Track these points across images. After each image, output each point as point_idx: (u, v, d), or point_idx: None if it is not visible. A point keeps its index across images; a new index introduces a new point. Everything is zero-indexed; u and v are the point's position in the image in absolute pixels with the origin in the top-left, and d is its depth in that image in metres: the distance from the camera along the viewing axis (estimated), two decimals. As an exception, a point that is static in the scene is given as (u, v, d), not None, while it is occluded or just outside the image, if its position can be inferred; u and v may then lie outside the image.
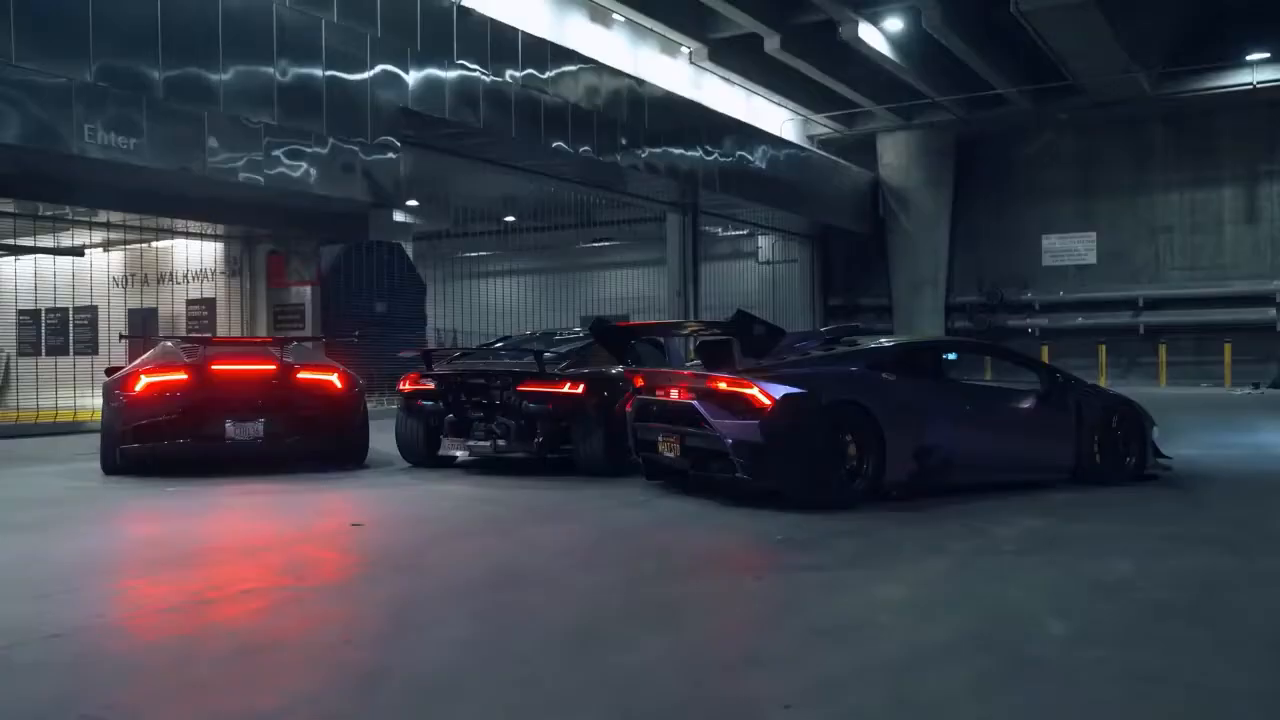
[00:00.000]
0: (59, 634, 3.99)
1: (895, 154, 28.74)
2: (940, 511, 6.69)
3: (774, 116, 27.05)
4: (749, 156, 23.75)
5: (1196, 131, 26.33)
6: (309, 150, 13.76)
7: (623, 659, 3.72)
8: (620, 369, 8.47)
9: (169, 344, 9.64)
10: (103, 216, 15.03)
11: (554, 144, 17.77)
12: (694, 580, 5.04)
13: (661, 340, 9.55)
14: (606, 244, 32.03)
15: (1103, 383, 25.50)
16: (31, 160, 11.40)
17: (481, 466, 9.10)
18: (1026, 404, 7.94)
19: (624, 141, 19.48)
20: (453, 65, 15.86)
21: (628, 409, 7.88)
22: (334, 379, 9.02)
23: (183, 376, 8.47)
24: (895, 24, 21.18)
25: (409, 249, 25.40)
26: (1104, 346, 25.95)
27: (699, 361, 8.21)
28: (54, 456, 10.26)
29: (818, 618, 4.33)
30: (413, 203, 25.82)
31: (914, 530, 6.17)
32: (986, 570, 5.23)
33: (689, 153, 21.60)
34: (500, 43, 16.78)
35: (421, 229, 26.85)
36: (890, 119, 27.52)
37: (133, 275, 17.35)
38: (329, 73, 14.02)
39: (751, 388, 6.84)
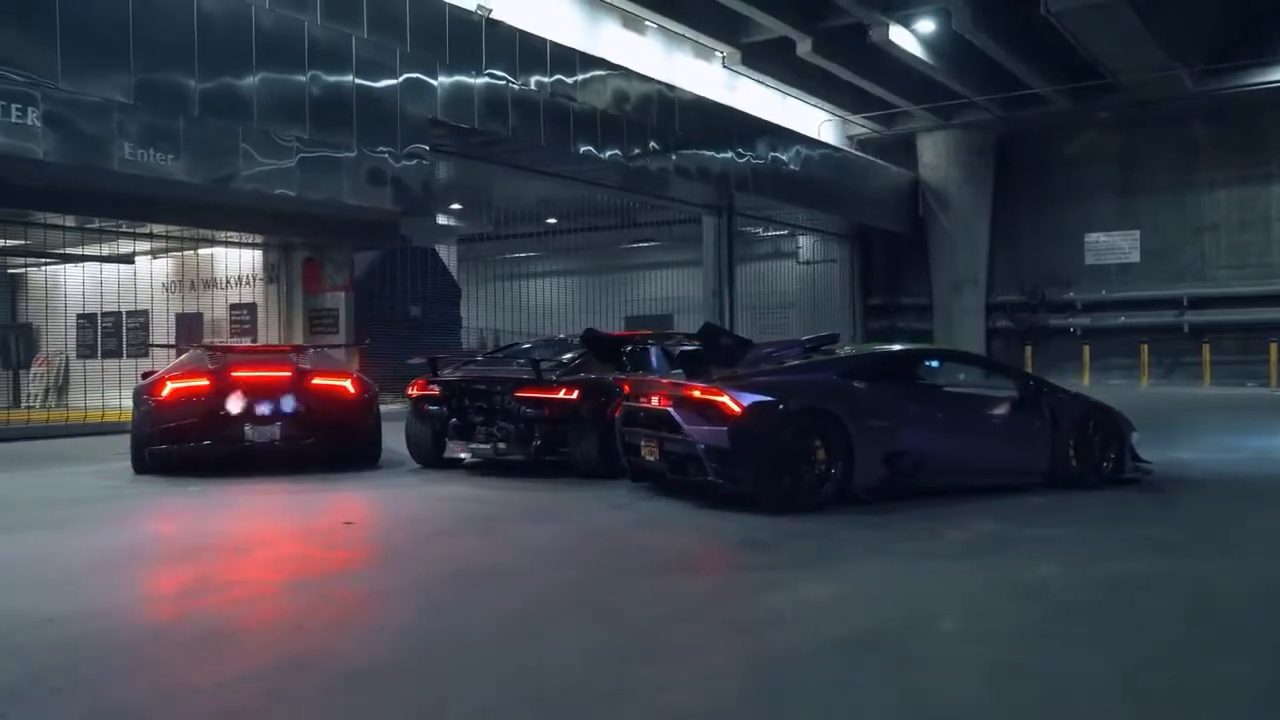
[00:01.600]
0: (52, 620, 4.50)
1: (935, 153, 28.76)
2: (904, 515, 6.99)
3: (812, 118, 27.23)
4: (783, 158, 24.00)
5: (1241, 128, 25.98)
6: (339, 161, 14.35)
7: (547, 649, 4.13)
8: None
9: (196, 351, 10.25)
10: (149, 227, 15.75)
11: (583, 149, 18.20)
12: (643, 578, 5.43)
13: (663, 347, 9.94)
14: (646, 245, 32.48)
15: (1144, 382, 25.37)
16: (76, 176, 12.12)
17: (486, 468, 9.57)
18: (1001, 410, 8.18)
19: (654, 146, 19.86)
20: (481, 75, 16.37)
21: (616, 414, 8.29)
22: (347, 384, 9.57)
23: (205, 383, 9.08)
24: (925, 26, 21.28)
25: (452, 252, 26.19)
26: (1147, 346, 25.78)
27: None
28: (96, 456, 10.92)
29: (736, 613, 4.70)
30: (456, 206, 26.60)
31: (870, 533, 6.49)
32: (921, 572, 5.54)
33: (720, 155, 21.92)
34: (529, 52, 17.26)
35: (464, 232, 27.70)
36: (929, 119, 27.56)
37: (179, 281, 18.17)
38: (359, 84, 14.59)
39: (722, 395, 7.20)
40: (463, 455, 9.48)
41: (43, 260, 18.11)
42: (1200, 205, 26.85)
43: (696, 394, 7.39)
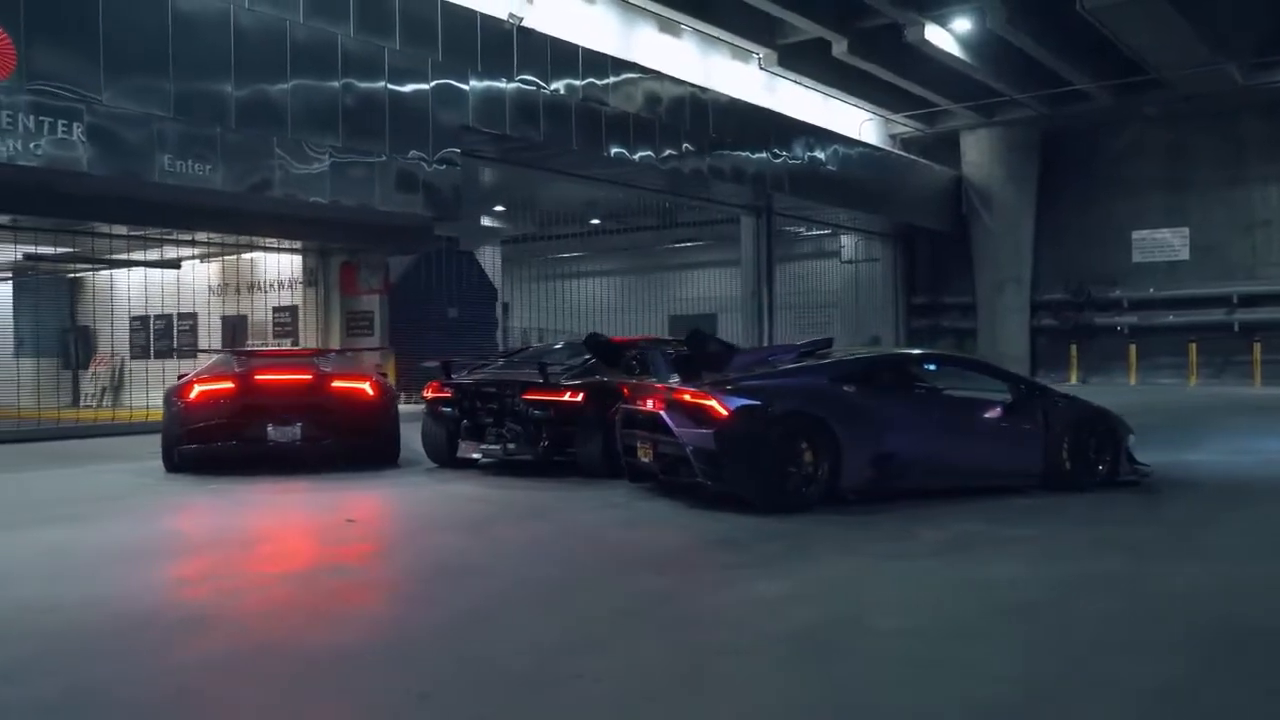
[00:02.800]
0: (55, 608, 4.91)
1: (978, 151, 28.58)
2: (888, 515, 7.17)
3: (853, 118, 27.24)
4: (821, 158, 24.08)
5: (1294, 122, 25.48)
6: (372, 169, 14.81)
7: (499, 640, 4.41)
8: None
9: (224, 356, 10.73)
10: (194, 234, 16.37)
11: (614, 151, 18.49)
12: (611, 574, 5.70)
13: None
14: (690, 245, 32.69)
15: (1193, 382, 25.00)
16: (118, 186, 12.71)
17: (498, 468, 9.90)
18: (993, 413, 8.29)
19: (688, 148, 20.09)
20: (512, 81, 16.73)
21: (616, 417, 8.57)
22: (365, 387, 9.98)
23: (230, 385, 9.53)
24: (961, 25, 21.22)
25: (496, 254, 26.67)
26: (1195, 345, 25.39)
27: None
28: (135, 455, 11.44)
29: (688, 609, 4.95)
30: (499, 209, 27.07)
31: (846, 533, 6.68)
32: (882, 571, 5.73)
33: (756, 156, 22.08)
34: (560, 58, 17.60)
35: (509, 234, 28.18)
36: (971, 117, 27.41)
37: (225, 285, 18.81)
38: (391, 90, 15.02)
39: (710, 399, 7.45)
40: (475, 455, 9.82)
41: (98, 265, 18.85)
42: (1251, 201, 26.36)
43: (687, 398, 7.64)
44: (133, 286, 19.04)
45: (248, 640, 4.41)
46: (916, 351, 9.20)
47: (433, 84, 15.57)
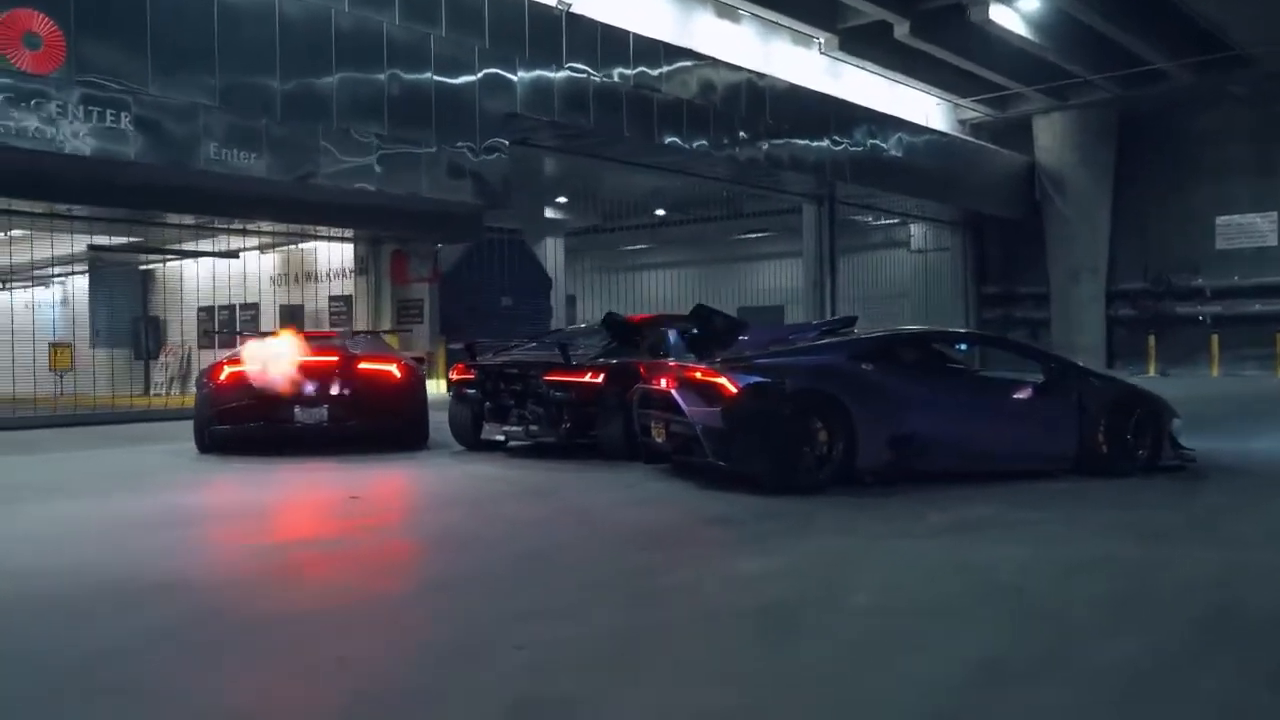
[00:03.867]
0: (48, 574, 4.97)
1: (1051, 136, 27.69)
2: (901, 498, 6.89)
3: (921, 103, 26.60)
4: (884, 145, 23.56)
5: (1391, 99, 24.16)
6: (418, 157, 14.88)
7: (452, 611, 4.32)
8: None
9: (255, 340, 10.85)
10: (256, 224, 16.68)
11: (667, 140, 18.31)
12: (593, 551, 5.56)
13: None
14: (757, 235, 32.36)
15: (1280, 374, 23.88)
16: (163, 175, 12.97)
17: (524, 450, 9.83)
18: (1023, 394, 7.94)
19: (743, 135, 19.81)
20: (561, 69, 16.66)
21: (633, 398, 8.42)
22: (393, 369, 9.99)
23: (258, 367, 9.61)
24: (1028, 3, 20.55)
25: (559, 245, 26.68)
26: (1283, 335, 24.26)
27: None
28: (177, 437, 11.62)
29: (658, 584, 4.79)
30: (561, 200, 27.05)
31: (850, 514, 6.44)
32: (874, 551, 5.49)
33: (816, 144, 21.68)
34: (611, 44, 17.46)
35: (573, 226, 28.18)
36: (1044, 100, 26.55)
37: (285, 275, 19.14)
38: (437, 80, 15.07)
39: (719, 377, 7.26)
40: (499, 437, 9.75)
41: (159, 256, 19.33)
42: (1346, 183, 25.08)
43: (698, 376, 7.47)
44: (199, 278, 19.48)
45: (200, 606, 4.39)
46: (938, 328, 8.85)
47: (480, 71, 15.55)
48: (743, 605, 4.40)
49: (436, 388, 13.13)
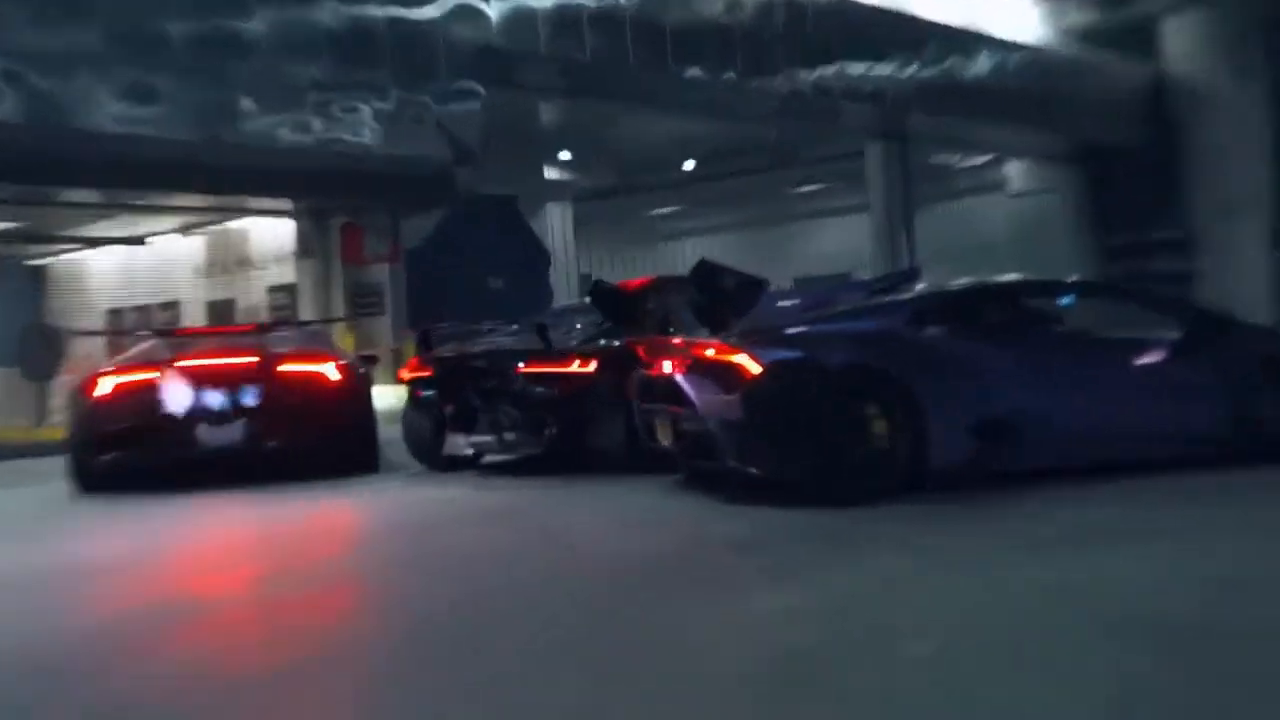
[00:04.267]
0: None
1: (1185, 39, 26.91)
2: (983, 504, 6.48)
3: (1015, 8, 25.81)
4: (963, 66, 22.87)
5: None
6: (368, 106, 14.42)
7: (349, 692, 3.85)
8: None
9: (151, 340, 10.44)
10: (165, 199, 16.37)
11: (687, 73, 17.75)
12: (565, 592, 5.07)
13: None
14: (813, 188, 31.78)
15: None
16: (38, 141, 12.60)
17: (504, 467, 9.35)
18: (1154, 357, 7.34)
19: (781, 61, 19.22)
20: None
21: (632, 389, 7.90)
22: (327, 370, 9.50)
23: (148, 376, 9.11)
24: None
25: (567, 212, 26.21)
26: None
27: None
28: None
29: (640, 637, 4.27)
30: (565, 156, 26.60)
31: (911, 528, 6.03)
32: (934, 578, 4.97)
33: (875, 70, 21.03)
34: (608, -48, 16.93)
35: (582, 187, 27.69)
36: (1173, -8, 25.79)
37: (211, 263, 18.87)
38: (390, 9, 14.58)
39: (739, 354, 6.72)
40: (468, 451, 9.24)
41: (54, 245, 19.02)
42: None
43: (709, 354, 6.94)
44: (106, 274, 19.22)
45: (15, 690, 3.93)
46: (1027, 278, 8.21)
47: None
48: (746, 658, 3.94)
49: (397, 395, 12.69)
